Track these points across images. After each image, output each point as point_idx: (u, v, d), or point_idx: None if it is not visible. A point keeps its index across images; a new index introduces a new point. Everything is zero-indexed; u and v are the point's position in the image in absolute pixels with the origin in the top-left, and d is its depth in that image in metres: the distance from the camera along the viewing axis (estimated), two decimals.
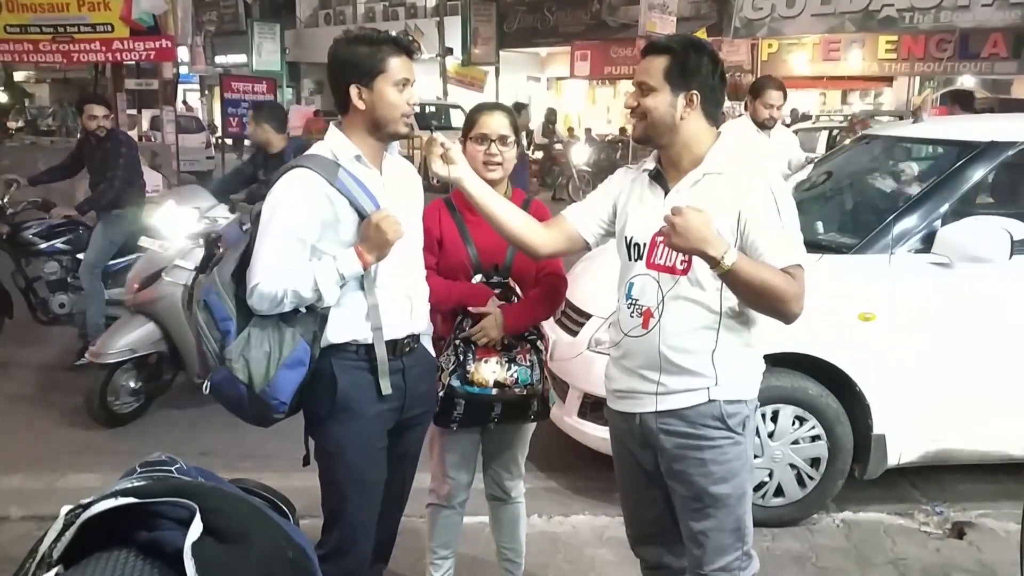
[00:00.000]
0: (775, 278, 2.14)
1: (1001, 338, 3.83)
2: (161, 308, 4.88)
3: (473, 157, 2.76)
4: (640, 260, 2.34)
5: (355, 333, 2.42)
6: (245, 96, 15.26)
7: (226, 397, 2.36)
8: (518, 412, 2.83)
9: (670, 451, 2.34)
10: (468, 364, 2.71)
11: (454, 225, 2.84)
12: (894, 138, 5.16)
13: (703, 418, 2.29)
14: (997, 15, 15.65)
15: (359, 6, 30.64)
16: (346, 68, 2.38)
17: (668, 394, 2.31)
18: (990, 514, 3.98)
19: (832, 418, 3.82)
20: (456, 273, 2.81)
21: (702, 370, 2.27)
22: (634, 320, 2.34)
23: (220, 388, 2.34)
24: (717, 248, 2.07)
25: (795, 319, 2.21)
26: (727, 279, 2.14)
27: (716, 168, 2.27)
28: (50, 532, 1.12)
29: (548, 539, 3.75)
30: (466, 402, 2.72)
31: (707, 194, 2.21)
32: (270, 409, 2.35)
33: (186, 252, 4.95)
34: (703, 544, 2.36)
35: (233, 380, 2.30)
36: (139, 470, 1.29)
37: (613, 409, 2.51)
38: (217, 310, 2.32)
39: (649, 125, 2.29)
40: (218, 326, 2.32)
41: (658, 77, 2.27)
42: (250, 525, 1.17)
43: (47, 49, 11.31)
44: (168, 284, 4.87)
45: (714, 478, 2.31)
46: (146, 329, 4.92)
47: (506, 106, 2.96)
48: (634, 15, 18.33)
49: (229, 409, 2.43)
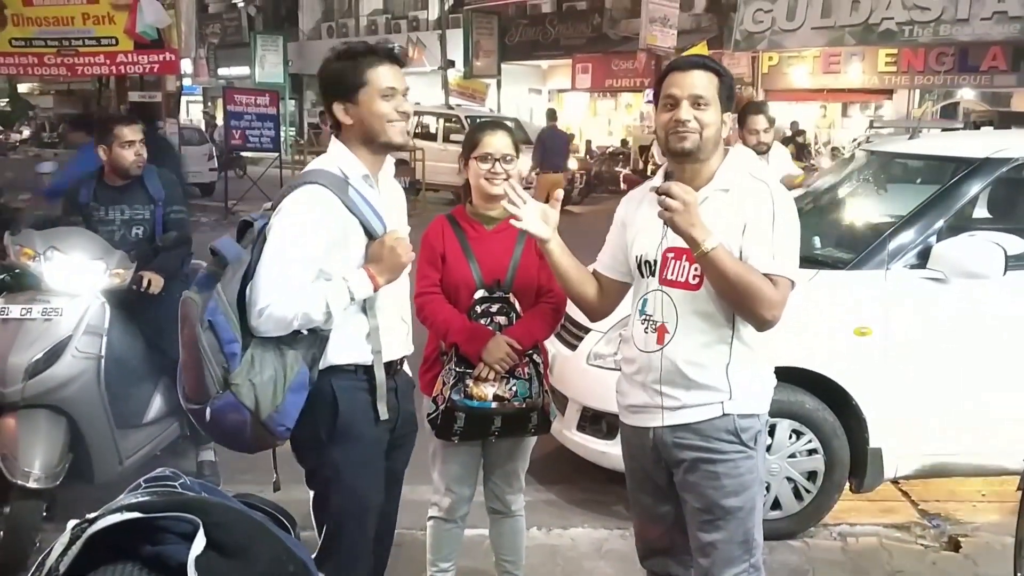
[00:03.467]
0: (752, 276, 2.19)
1: (996, 352, 3.86)
2: (73, 396, 3.48)
3: (476, 175, 2.81)
4: (652, 276, 2.37)
5: (357, 355, 2.39)
6: (248, 108, 15.34)
7: (228, 423, 2.24)
8: (518, 425, 2.86)
9: (684, 464, 2.37)
10: (467, 378, 2.74)
11: (457, 241, 2.87)
12: (890, 154, 5.20)
13: (717, 432, 2.32)
14: (996, 29, 15.70)
15: (362, 19, 30.79)
16: (329, 87, 2.38)
17: (682, 408, 2.34)
18: (986, 527, 3.99)
19: (829, 432, 3.85)
20: (459, 289, 2.84)
21: (716, 384, 2.31)
22: (649, 336, 2.36)
23: (222, 414, 2.22)
24: (700, 232, 2.14)
25: (769, 326, 2.25)
26: (705, 264, 2.18)
27: (724, 185, 2.31)
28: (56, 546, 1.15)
29: (547, 551, 3.77)
30: (466, 416, 2.75)
31: (715, 211, 2.25)
32: (274, 435, 2.28)
33: (97, 312, 3.61)
34: (711, 556, 2.39)
35: (238, 406, 2.20)
36: (144, 485, 1.32)
37: (626, 424, 2.53)
38: (223, 332, 2.19)
39: (704, 139, 2.28)
40: (223, 349, 2.19)
41: (712, 93, 2.29)
42: (252, 540, 1.20)
43: (52, 62, 11.39)
44: (80, 360, 3.50)
45: (725, 491, 2.34)
46: (58, 429, 3.46)
47: (508, 124, 3.01)
48: (635, 28, 18.45)
49: (220, 436, 2.35)
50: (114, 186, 4.11)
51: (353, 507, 2.45)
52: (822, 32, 18.05)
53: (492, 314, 2.82)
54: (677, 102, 2.28)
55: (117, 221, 4.07)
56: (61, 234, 3.74)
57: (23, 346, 3.40)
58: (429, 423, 2.81)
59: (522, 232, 2.83)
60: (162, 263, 4.01)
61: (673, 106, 2.29)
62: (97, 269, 3.65)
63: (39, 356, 3.40)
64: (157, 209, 4.11)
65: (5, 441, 3.36)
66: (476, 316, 2.81)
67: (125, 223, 4.07)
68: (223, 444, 2.50)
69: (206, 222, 13.88)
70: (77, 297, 3.55)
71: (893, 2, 16.61)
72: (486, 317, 2.81)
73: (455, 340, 2.77)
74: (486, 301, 2.82)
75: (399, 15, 29.38)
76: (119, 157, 4.03)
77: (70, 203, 4.12)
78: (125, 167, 4.05)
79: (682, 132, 2.27)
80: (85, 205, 4.06)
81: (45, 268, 3.54)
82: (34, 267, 3.54)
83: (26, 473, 3.29)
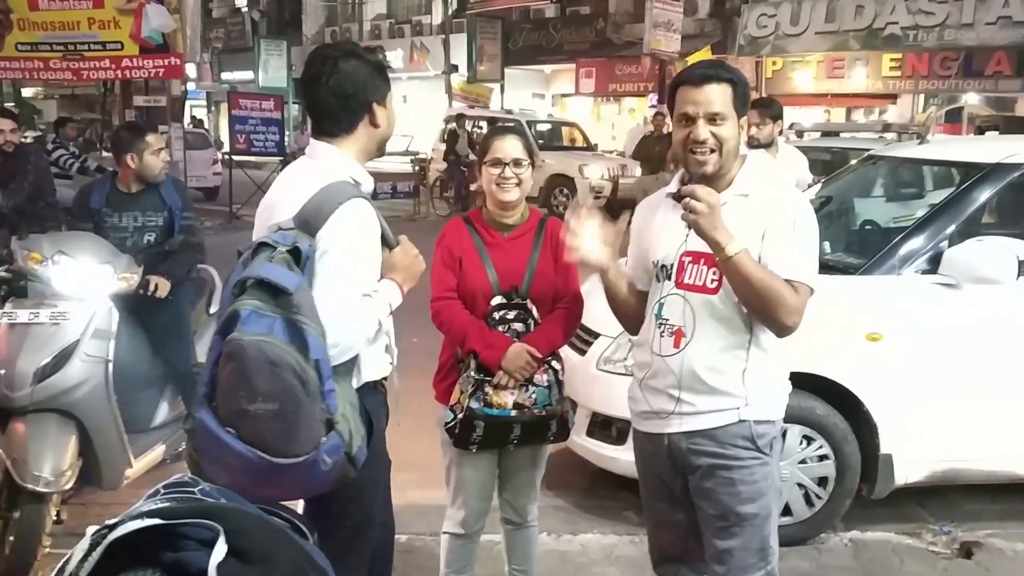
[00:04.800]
0: (774, 281, 2.17)
1: (1008, 358, 3.84)
2: (82, 400, 3.46)
3: (488, 181, 2.79)
4: (669, 280, 2.35)
5: (382, 369, 2.35)
6: (252, 113, 15.36)
7: (331, 467, 2.02)
8: (537, 433, 2.82)
9: (699, 471, 2.35)
10: (486, 386, 2.71)
11: (474, 246, 2.84)
12: (900, 159, 5.18)
13: (732, 438, 2.30)
14: (1001, 34, 15.69)
15: (365, 23, 30.87)
16: (367, 86, 2.25)
17: (698, 414, 2.32)
18: (998, 534, 3.96)
19: (840, 438, 3.83)
20: (475, 294, 2.81)
21: (733, 390, 2.29)
22: (665, 340, 2.34)
23: (331, 456, 2.00)
24: (724, 236, 2.12)
25: (788, 332, 2.24)
26: (727, 269, 2.17)
27: (743, 190, 2.30)
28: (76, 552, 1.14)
29: (557, 558, 3.75)
30: (485, 424, 2.71)
31: (735, 216, 2.22)
32: (356, 469, 2.11)
33: (105, 316, 3.56)
34: (727, 563, 2.36)
35: (340, 446, 2.02)
36: (163, 491, 1.30)
37: (640, 431, 2.51)
38: (325, 369, 1.98)
39: (725, 155, 2.25)
40: (323, 387, 1.97)
41: (728, 106, 2.25)
42: (273, 546, 1.19)
43: (57, 67, 11.43)
44: (89, 364, 3.47)
45: (741, 498, 2.31)
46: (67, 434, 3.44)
47: (520, 129, 2.97)
48: (639, 33, 18.47)
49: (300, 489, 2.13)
50: (127, 192, 4.11)
51: (364, 527, 2.40)
52: (826, 37, 18.04)
53: (509, 321, 2.78)
54: (693, 120, 2.24)
55: (130, 228, 4.07)
56: (68, 238, 3.75)
57: (31, 350, 3.38)
58: (447, 432, 2.77)
59: (538, 237, 2.83)
60: (170, 267, 4.01)
61: (689, 123, 2.25)
62: (104, 273, 3.63)
63: (47, 360, 3.38)
64: (173, 215, 4.11)
65: (15, 445, 3.33)
66: (493, 323, 2.78)
67: (138, 229, 4.07)
68: (301, 494, 2.25)
69: (210, 226, 13.89)
70: (85, 301, 3.52)
71: (897, 7, 16.61)
72: (503, 324, 2.78)
73: (473, 348, 2.74)
74: (503, 308, 2.79)
75: (403, 20, 29.45)
76: (149, 166, 4.05)
77: (81, 208, 4.11)
78: (155, 174, 4.08)
79: (701, 157, 2.24)
80: (97, 211, 4.06)
81: (53, 272, 3.51)
82: (42, 271, 3.52)
83: (36, 477, 3.26)
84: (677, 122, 2.30)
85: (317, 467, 1.97)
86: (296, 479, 2.00)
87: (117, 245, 3.85)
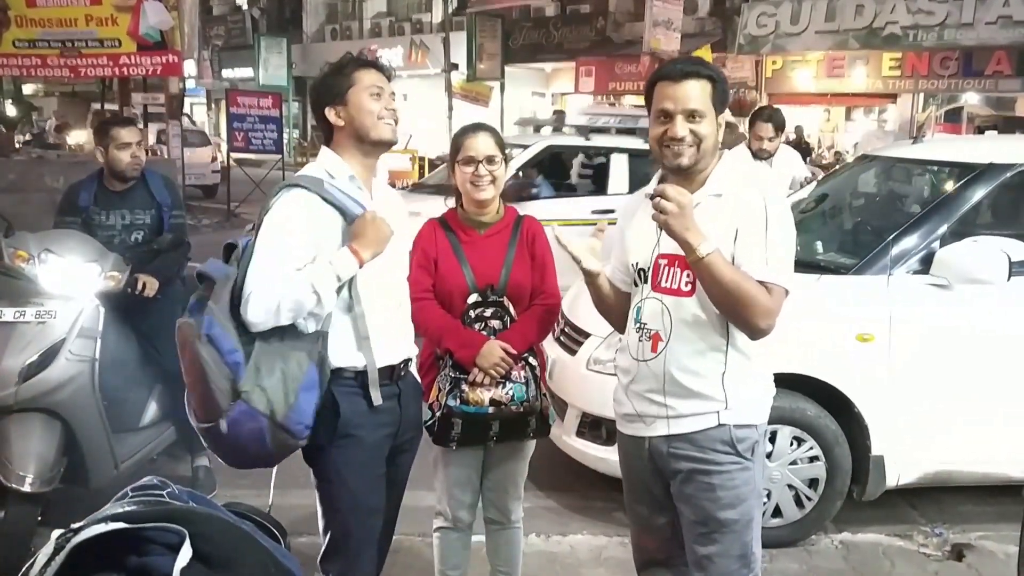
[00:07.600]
0: (747, 283, 2.15)
1: (999, 359, 3.83)
2: (67, 399, 3.42)
3: (462, 180, 2.79)
4: (646, 284, 2.34)
5: (350, 358, 2.41)
6: (251, 111, 15.36)
7: (246, 433, 2.24)
8: (516, 429, 2.84)
9: (679, 475, 2.33)
10: (463, 383, 2.73)
11: (449, 246, 2.86)
12: (893, 159, 5.17)
13: (712, 442, 2.28)
14: (1001, 33, 15.65)
15: (365, 21, 30.81)
16: (319, 96, 2.45)
17: (678, 418, 2.31)
18: (989, 536, 3.96)
19: (830, 439, 3.82)
20: (452, 293, 2.82)
21: (712, 393, 2.27)
22: (643, 344, 2.33)
23: (240, 424, 2.22)
24: (695, 236, 2.10)
25: (762, 335, 2.22)
26: (699, 270, 2.15)
27: (717, 190, 2.27)
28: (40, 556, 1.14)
29: (546, 559, 3.75)
30: (463, 421, 2.74)
31: (709, 216, 2.20)
32: (294, 435, 2.29)
33: (91, 315, 3.54)
34: (708, 569, 2.35)
35: (253, 413, 2.22)
36: (131, 494, 1.30)
37: (623, 433, 2.50)
38: (223, 342, 2.22)
39: (702, 151, 2.24)
40: (226, 360, 2.21)
41: (707, 102, 2.23)
42: (238, 551, 1.18)
43: (55, 64, 11.42)
44: (74, 363, 3.45)
45: (721, 503, 2.30)
46: (52, 433, 3.40)
47: (490, 126, 2.95)
48: (639, 32, 18.42)
49: (242, 453, 2.32)
50: (115, 191, 4.07)
51: (355, 509, 2.48)
52: (826, 36, 18.00)
53: (486, 318, 2.80)
54: (671, 116, 2.22)
55: (118, 226, 4.03)
56: (55, 236, 3.71)
57: (16, 349, 3.35)
58: (427, 430, 2.79)
59: (514, 235, 2.86)
60: (158, 266, 3.99)
61: (666, 119, 2.24)
62: (92, 272, 3.60)
63: (33, 359, 3.34)
64: (162, 213, 4.07)
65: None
66: (470, 321, 2.79)
67: (125, 228, 4.04)
68: (245, 464, 2.46)
69: (208, 224, 13.90)
70: (71, 300, 3.49)
71: (897, 6, 16.57)
72: (480, 322, 2.80)
73: (448, 346, 2.76)
74: (480, 305, 2.81)
75: (403, 18, 29.39)
76: (115, 159, 3.98)
77: (69, 206, 4.07)
78: (121, 169, 4.00)
79: (677, 148, 2.23)
80: (85, 209, 4.03)
81: (39, 271, 3.48)
82: (28, 270, 3.48)
83: (20, 477, 3.24)
84: (655, 118, 2.28)
85: (239, 432, 2.22)
86: (229, 444, 2.27)
87: (105, 243, 3.83)
